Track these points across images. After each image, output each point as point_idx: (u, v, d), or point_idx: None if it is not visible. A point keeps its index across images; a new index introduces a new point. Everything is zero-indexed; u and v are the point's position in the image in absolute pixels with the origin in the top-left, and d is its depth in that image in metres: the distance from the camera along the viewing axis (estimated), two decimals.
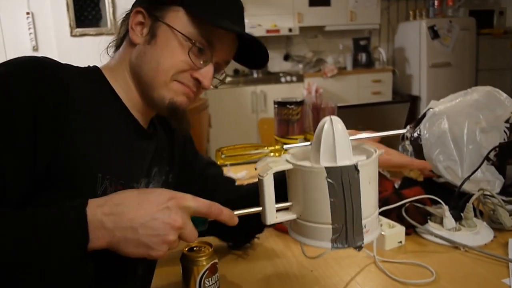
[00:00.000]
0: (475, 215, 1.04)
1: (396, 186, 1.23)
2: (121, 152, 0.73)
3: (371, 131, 1.20)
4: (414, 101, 4.65)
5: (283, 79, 4.46)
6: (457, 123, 1.19)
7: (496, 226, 1.01)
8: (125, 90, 0.76)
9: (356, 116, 1.45)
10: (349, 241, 0.60)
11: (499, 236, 0.97)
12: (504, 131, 1.24)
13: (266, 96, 4.34)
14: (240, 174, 1.49)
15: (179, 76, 0.74)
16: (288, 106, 1.26)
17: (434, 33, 4.64)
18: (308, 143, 0.66)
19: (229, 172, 1.50)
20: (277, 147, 0.65)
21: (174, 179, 0.90)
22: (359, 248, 0.61)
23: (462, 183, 1.07)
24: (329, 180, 0.58)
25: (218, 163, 0.71)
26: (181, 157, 0.93)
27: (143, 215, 0.54)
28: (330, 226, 0.59)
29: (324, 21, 4.74)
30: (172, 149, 0.90)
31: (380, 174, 1.27)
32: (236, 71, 4.69)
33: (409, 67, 4.98)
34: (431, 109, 1.23)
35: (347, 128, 0.64)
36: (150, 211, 0.55)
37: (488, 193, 1.03)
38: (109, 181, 0.68)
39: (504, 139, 1.23)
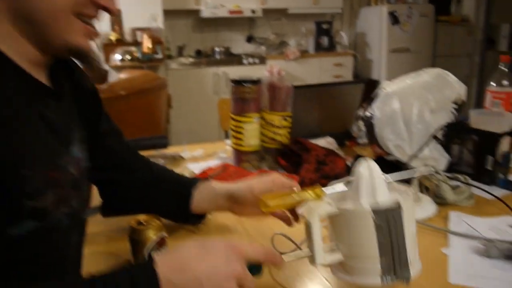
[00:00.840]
0: (421, 191, 1.08)
1: (349, 164, 1.26)
2: (35, 133, 0.61)
3: None
4: (373, 84, 4.75)
5: (245, 61, 4.44)
6: (407, 103, 1.23)
7: (440, 201, 1.06)
8: (13, 47, 0.60)
9: (313, 96, 1.47)
10: (397, 275, 0.62)
11: (442, 210, 1.02)
12: (452, 112, 1.29)
13: (228, 77, 4.32)
14: (196, 153, 1.49)
15: (80, 7, 0.62)
16: (244, 84, 1.26)
17: (394, 19, 4.73)
18: (344, 188, 0.67)
19: (185, 150, 1.50)
20: (317, 190, 0.64)
21: (86, 135, 0.78)
22: (407, 280, 0.62)
23: (410, 160, 1.11)
24: (376, 221, 0.60)
25: (263, 211, 0.68)
26: (86, 115, 0.79)
27: (206, 269, 0.56)
28: (378, 264, 0.61)
29: (287, 3, 4.74)
30: (79, 102, 0.77)
31: (333, 152, 1.30)
32: (198, 52, 4.64)
33: (369, 51, 5.06)
34: (383, 89, 1.26)
35: (303, 106, 0.66)
36: (212, 264, 0.57)
37: (433, 169, 1.07)
38: (35, 173, 0.59)
39: (451, 120, 1.28)
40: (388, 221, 0.61)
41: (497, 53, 4.39)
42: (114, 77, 2.46)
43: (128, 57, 3.94)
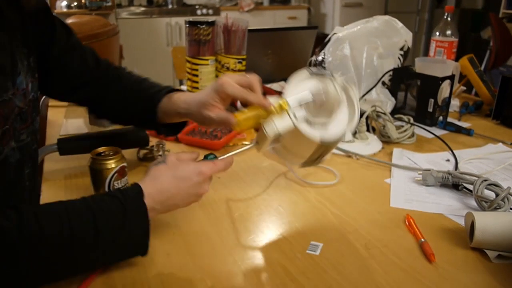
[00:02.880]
0: (368, 130, 1.15)
1: None
2: None
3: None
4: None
5: (199, 12, 4.34)
6: (357, 48, 1.28)
7: (385, 139, 1.13)
8: None
9: (267, 40, 1.48)
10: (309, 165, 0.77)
11: (386, 147, 1.10)
12: (399, 58, 1.36)
13: (181, 28, 4.22)
14: None
15: None
16: (199, 25, 1.26)
17: None
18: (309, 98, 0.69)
19: None
20: (282, 103, 0.65)
21: (35, 62, 0.76)
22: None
23: (358, 101, 1.17)
24: (320, 145, 0.68)
25: (236, 129, 0.71)
26: (35, 38, 0.76)
27: (182, 195, 0.66)
28: (303, 160, 0.75)
29: None
30: (25, 26, 0.73)
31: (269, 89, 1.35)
32: (150, 1, 4.47)
33: (323, 5, 5.07)
34: (335, 34, 1.30)
35: (257, 51, 0.68)
36: (186, 191, 0.66)
37: (380, 110, 1.14)
38: None
39: (398, 65, 1.35)
40: (327, 146, 0.69)
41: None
42: None
43: (75, 3, 3.75)
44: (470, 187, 0.83)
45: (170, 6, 4.44)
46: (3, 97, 0.62)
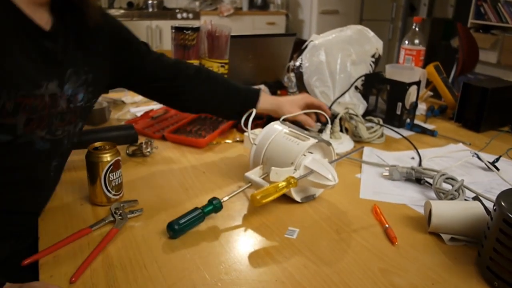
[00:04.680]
0: (341, 131, 1.24)
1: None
2: (12, 63, 0.67)
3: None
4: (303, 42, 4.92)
5: (179, 15, 4.40)
6: (332, 55, 1.37)
7: (357, 139, 1.23)
8: None
9: (248, 46, 1.57)
10: None
11: (358, 146, 1.19)
12: (370, 64, 1.46)
13: (162, 32, 4.27)
14: (137, 98, 1.55)
15: None
16: (185, 31, 1.33)
17: None
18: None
19: (126, 95, 1.55)
20: (291, 181, 0.80)
21: (94, 79, 0.84)
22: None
23: (332, 103, 1.27)
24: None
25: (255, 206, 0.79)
26: (111, 49, 0.89)
27: None
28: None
29: None
30: (91, 46, 0.84)
31: None
32: (130, 4, 4.50)
33: (301, 12, 5.20)
34: (311, 42, 1.40)
35: (239, 56, 0.77)
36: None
37: (352, 112, 1.24)
38: (4, 96, 0.65)
39: (370, 71, 1.45)
40: None
41: None
42: None
43: None
44: (431, 181, 0.93)
45: (150, 10, 4.48)
46: (34, 92, 0.69)
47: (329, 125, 1.14)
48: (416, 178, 0.98)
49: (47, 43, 0.73)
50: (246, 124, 0.98)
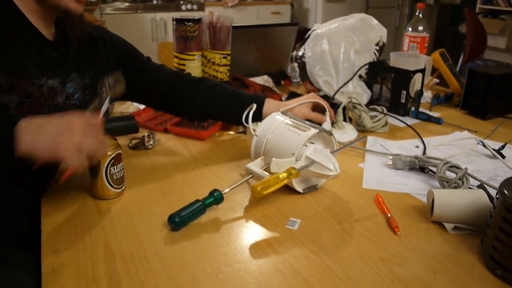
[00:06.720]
0: (345, 120, 1.23)
1: (283, 99, 1.39)
2: (21, 62, 0.77)
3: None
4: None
5: (183, 7, 4.38)
6: (335, 43, 1.36)
7: (360, 128, 1.22)
8: (25, 4, 0.79)
9: (250, 37, 1.56)
10: None
11: (361, 135, 1.19)
12: (374, 53, 1.45)
13: (167, 24, 4.26)
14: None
15: None
16: (186, 23, 1.33)
17: None
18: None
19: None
20: (293, 172, 0.80)
21: (91, 84, 0.92)
22: None
23: (336, 92, 1.26)
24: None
25: (257, 197, 0.79)
26: (114, 60, 0.99)
27: (52, 124, 0.68)
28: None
29: None
30: (94, 55, 0.94)
31: (269, 88, 1.42)
32: None
33: (306, 0, 5.15)
34: (314, 31, 1.38)
35: (242, 47, 0.77)
36: (57, 121, 0.68)
37: (356, 101, 1.22)
38: (3, 76, 0.73)
39: (374, 59, 1.44)
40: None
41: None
42: None
43: None
44: (435, 169, 0.92)
45: (155, 2, 4.46)
46: (32, 81, 0.78)
47: (327, 112, 1.12)
48: (420, 167, 0.97)
49: (50, 52, 0.83)
50: (247, 120, 0.98)
